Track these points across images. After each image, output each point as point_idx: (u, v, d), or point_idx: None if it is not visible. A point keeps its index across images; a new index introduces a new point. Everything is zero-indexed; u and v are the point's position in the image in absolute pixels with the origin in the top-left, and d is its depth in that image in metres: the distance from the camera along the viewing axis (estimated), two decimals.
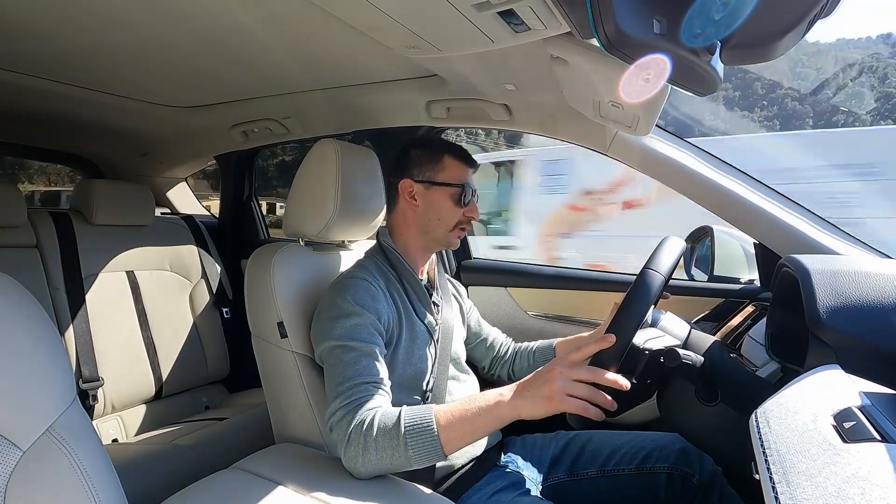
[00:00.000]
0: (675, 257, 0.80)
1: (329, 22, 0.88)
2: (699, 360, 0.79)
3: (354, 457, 0.78)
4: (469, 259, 1.69)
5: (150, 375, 1.60)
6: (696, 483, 0.96)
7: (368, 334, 0.88)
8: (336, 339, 0.87)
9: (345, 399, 0.82)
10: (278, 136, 1.68)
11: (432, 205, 1.02)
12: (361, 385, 0.83)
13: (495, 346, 1.24)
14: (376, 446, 0.76)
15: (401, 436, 0.75)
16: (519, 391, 0.74)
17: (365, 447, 0.77)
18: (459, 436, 0.75)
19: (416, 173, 1.03)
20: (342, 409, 0.81)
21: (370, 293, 0.92)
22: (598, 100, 0.96)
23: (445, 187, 1.01)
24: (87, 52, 1.11)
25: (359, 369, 0.84)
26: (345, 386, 0.83)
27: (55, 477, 0.55)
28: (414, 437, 0.74)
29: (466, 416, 0.75)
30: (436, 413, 0.76)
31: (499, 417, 0.74)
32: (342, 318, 0.88)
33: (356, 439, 0.77)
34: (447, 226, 1.02)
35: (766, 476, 0.41)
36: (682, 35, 0.56)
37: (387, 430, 0.76)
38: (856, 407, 0.46)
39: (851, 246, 1.01)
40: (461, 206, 1.02)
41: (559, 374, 0.70)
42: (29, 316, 0.59)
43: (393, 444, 0.75)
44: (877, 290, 0.69)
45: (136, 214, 1.69)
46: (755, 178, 1.11)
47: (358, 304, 0.90)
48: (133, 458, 1.22)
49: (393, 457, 0.76)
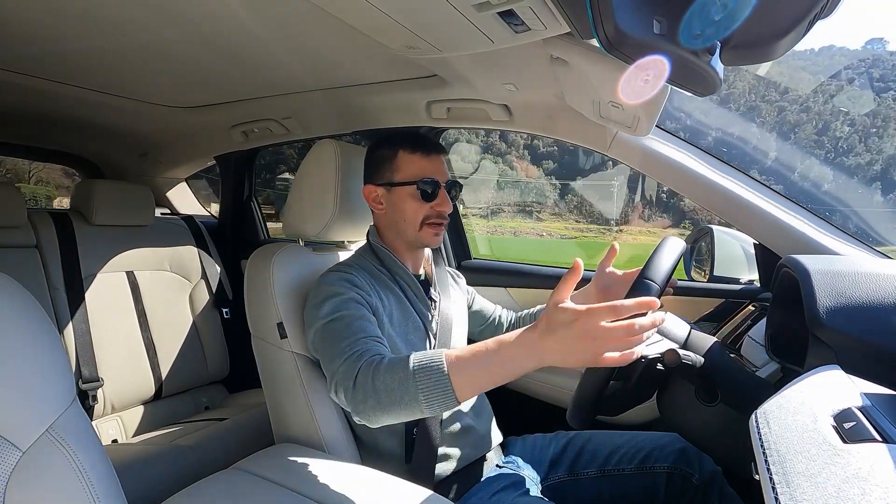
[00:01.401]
0: (673, 261, 0.80)
1: (329, 22, 0.88)
2: (699, 361, 0.79)
3: (364, 399, 0.73)
4: (469, 259, 1.69)
5: (149, 376, 1.60)
6: (695, 483, 0.96)
7: (356, 305, 0.88)
8: (324, 317, 0.87)
9: (346, 353, 0.79)
10: (278, 137, 1.68)
11: (396, 207, 1.00)
12: (361, 339, 0.81)
13: (503, 322, 1.25)
14: (386, 386, 0.72)
15: (409, 373, 0.70)
16: (543, 345, 0.65)
17: (374, 388, 0.72)
18: (474, 380, 0.69)
19: (377, 177, 1.02)
20: (345, 362, 0.78)
21: (351, 281, 0.93)
22: (598, 100, 0.96)
23: (404, 186, 0.99)
24: (87, 53, 1.11)
25: (354, 329, 0.83)
26: (343, 344, 0.81)
27: (55, 477, 0.55)
28: (423, 375, 0.70)
29: (482, 361, 0.68)
30: (446, 354, 0.71)
31: (518, 367, 0.67)
32: (327, 300, 0.89)
33: (363, 381, 0.74)
34: (414, 225, 1.00)
35: (766, 476, 0.41)
36: (681, 35, 0.56)
37: (395, 368, 0.72)
38: (856, 407, 0.46)
39: (851, 246, 1.01)
40: (424, 201, 0.99)
41: (594, 337, 0.61)
42: (29, 316, 0.59)
43: (402, 382, 0.71)
44: (877, 290, 0.69)
45: (136, 215, 1.69)
46: (755, 178, 1.11)
47: (341, 286, 0.90)
48: (133, 459, 1.22)
49: (403, 397, 0.70)
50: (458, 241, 1.69)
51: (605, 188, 29.04)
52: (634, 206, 26.07)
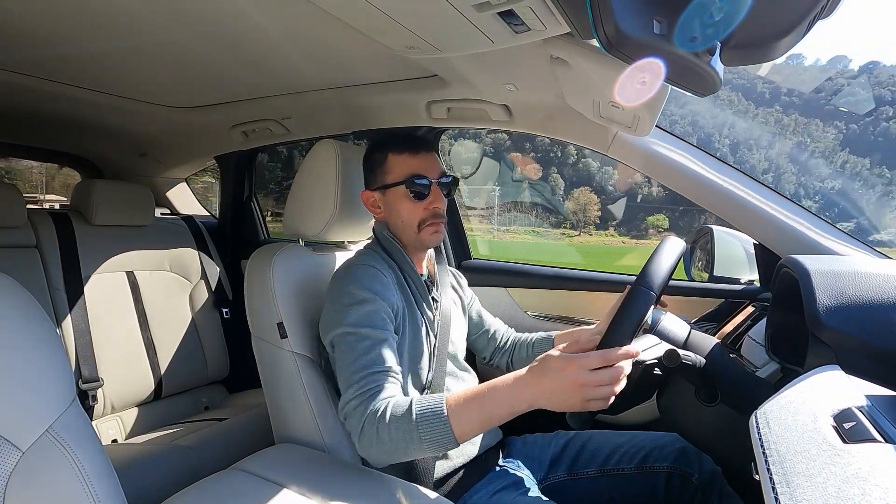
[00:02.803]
0: (672, 263, 0.80)
1: (329, 22, 0.88)
2: (699, 361, 0.79)
3: (369, 445, 0.78)
4: (469, 259, 1.69)
5: (149, 376, 1.60)
6: (695, 482, 0.96)
7: (381, 321, 0.88)
8: (349, 325, 0.87)
9: (358, 389, 0.82)
10: (278, 137, 1.68)
11: (392, 209, 1.01)
12: (374, 374, 0.83)
13: (497, 337, 1.24)
14: (389, 435, 0.76)
15: (413, 423, 0.75)
16: (536, 391, 0.71)
17: (378, 436, 0.77)
18: (471, 423, 0.74)
19: (372, 182, 1.03)
20: (356, 398, 0.81)
21: (380, 280, 0.93)
22: (598, 100, 0.96)
23: (395, 188, 0.99)
24: (87, 53, 1.11)
25: (372, 358, 0.84)
26: (358, 375, 0.83)
27: (55, 477, 0.55)
28: (425, 424, 0.74)
29: (478, 404, 0.74)
30: (447, 400, 0.76)
31: (513, 408, 0.72)
32: (356, 305, 0.88)
33: (370, 429, 0.78)
34: (412, 227, 1.00)
35: (766, 476, 0.41)
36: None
37: (399, 418, 0.76)
38: (856, 407, 0.46)
39: (851, 246, 1.01)
40: (418, 201, 0.98)
41: (580, 384, 0.67)
42: (29, 316, 0.59)
43: (406, 432, 0.75)
44: (876, 290, 0.69)
45: (136, 215, 1.69)
46: (755, 178, 1.11)
47: (370, 291, 0.90)
48: (133, 459, 1.22)
49: (407, 445, 0.75)
50: (458, 241, 1.69)
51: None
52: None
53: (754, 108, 49.43)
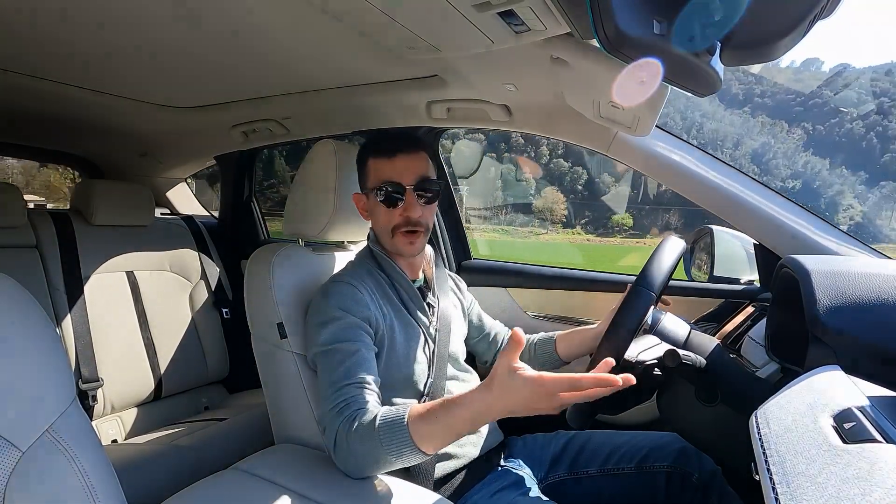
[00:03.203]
0: (672, 264, 0.80)
1: (329, 22, 0.88)
2: (700, 361, 0.79)
3: (344, 458, 0.80)
4: (469, 259, 1.69)
5: (149, 376, 1.60)
6: (695, 482, 0.96)
7: (353, 334, 0.89)
8: (321, 344, 0.88)
9: (330, 403, 0.83)
10: (278, 137, 1.68)
11: (373, 214, 1.01)
12: (345, 387, 0.83)
13: (497, 340, 1.24)
14: (359, 446, 0.77)
15: (375, 433, 0.75)
16: (498, 397, 0.68)
17: (349, 448, 0.78)
18: (435, 432, 0.72)
19: (361, 185, 1.04)
20: (329, 412, 0.83)
21: (354, 298, 0.92)
22: (598, 100, 0.96)
23: (373, 193, 0.98)
24: (87, 54, 1.11)
25: (342, 372, 0.85)
26: (330, 391, 0.84)
27: (55, 478, 0.55)
28: (387, 434, 0.74)
29: (443, 413, 0.72)
30: (411, 410, 0.75)
31: (477, 421, 0.70)
32: (326, 324, 0.89)
33: (341, 442, 0.79)
34: (386, 233, 0.99)
35: (766, 476, 0.41)
36: None
37: (364, 428, 0.77)
38: (856, 407, 0.46)
39: (851, 246, 1.01)
40: (389, 207, 0.96)
41: (551, 397, 0.65)
42: (29, 316, 0.59)
43: (370, 442, 0.76)
44: (876, 290, 0.69)
45: (136, 215, 1.69)
46: (755, 178, 1.11)
47: (341, 309, 0.90)
48: (133, 459, 1.22)
49: (374, 455, 0.76)
50: (458, 241, 1.69)
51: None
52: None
53: (723, 110, 49.81)
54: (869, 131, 14.48)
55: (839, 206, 43.25)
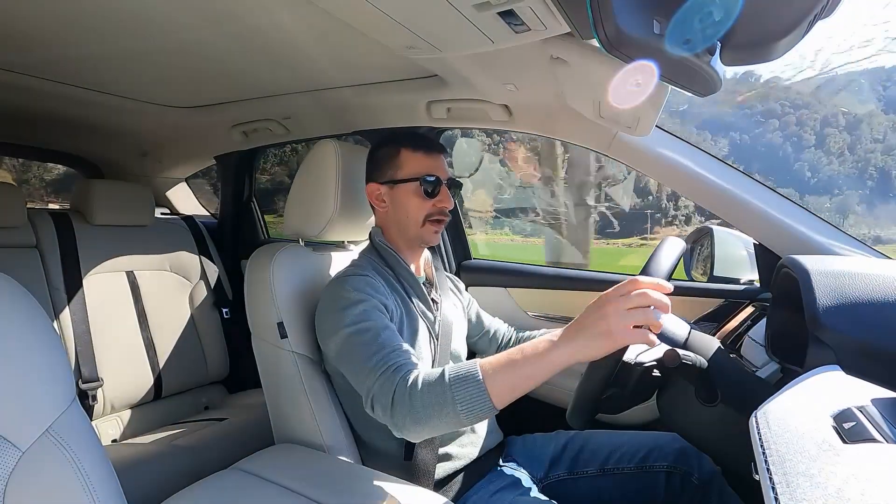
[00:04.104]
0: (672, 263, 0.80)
1: (329, 22, 0.88)
2: (699, 361, 0.79)
3: (403, 417, 0.74)
4: (469, 259, 1.69)
5: (149, 376, 1.60)
6: (695, 482, 0.96)
7: (379, 314, 0.88)
8: (350, 325, 0.86)
9: (379, 369, 0.79)
10: (278, 137, 1.68)
11: (399, 204, 1.02)
12: (392, 352, 0.81)
13: (498, 337, 1.24)
14: (423, 402, 0.73)
15: (446, 386, 0.72)
16: (570, 335, 0.69)
17: (412, 406, 0.73)
18: (508, 385, 0.70)
19: (379, 175, 1.04)
20: (380, 378, 0.78)
21: (371, 284, 0.93)
22: (598, 100, 0.96)
23: (407, 183, 1.01)
24: (87, 54, 1.11)
25: (382, 342, 0.83)
26: (374, 359, 0.81)
27: (54, 477, 0.55)
28: (460, 386, 0.71)
29: (514, 365, 0.70)
30: (481, 364, 0.73)
31: (552, 363, 0.68)
32: (350, 307, 0.88)
33: (401, 399, 0.75)
34: (416, 222, 1.01)
35: (766, 477, 0.41)
36: None
37: (431, 384, 0.73)
38: (855, 407, 0.46)
39: (851, 247, 1.01)
40: (427, 198, 1.01)
41: (612, 309, 0.66)
42: (29, 316, 0.59)
43: (439, 397, 0.72)
44: (876, 290, 0.69)
45: (136, 215, 1.69)
46: (755, 178, 1.11)
47: (362, 292, 0.90)
48: (133, 459, 1.22)
49: (441, 411, 0.72)
50: (458, 241, 1.69)
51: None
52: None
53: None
54: (786, 141, 14.45)
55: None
